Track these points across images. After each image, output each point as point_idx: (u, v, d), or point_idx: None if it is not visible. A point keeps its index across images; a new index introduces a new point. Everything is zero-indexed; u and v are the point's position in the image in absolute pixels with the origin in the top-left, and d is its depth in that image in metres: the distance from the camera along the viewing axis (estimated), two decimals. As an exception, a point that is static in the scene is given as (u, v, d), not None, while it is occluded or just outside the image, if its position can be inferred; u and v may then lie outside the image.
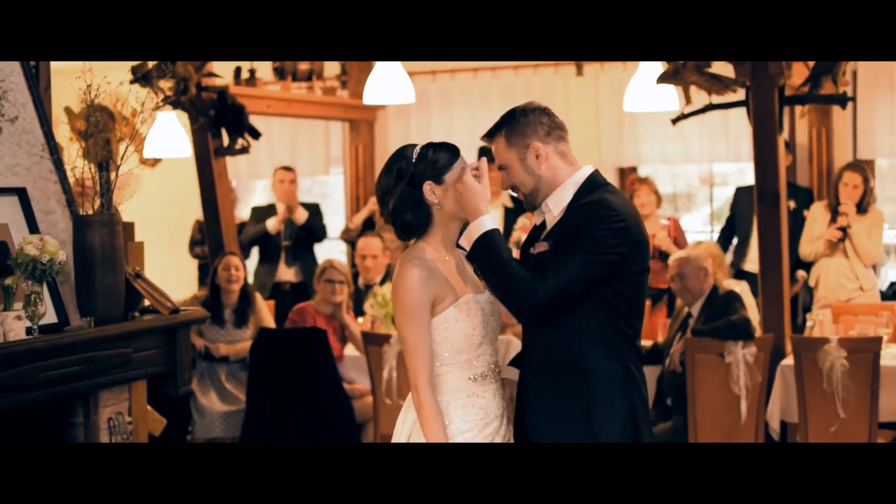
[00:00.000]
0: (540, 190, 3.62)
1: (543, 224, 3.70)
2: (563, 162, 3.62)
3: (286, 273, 9.31)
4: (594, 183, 3.61)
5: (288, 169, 9.38)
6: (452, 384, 3.57)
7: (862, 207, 7.87)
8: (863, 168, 7.96)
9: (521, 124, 3.63)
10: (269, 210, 9.31)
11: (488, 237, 3.50)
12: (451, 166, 3.58)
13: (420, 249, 3.60)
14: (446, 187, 3.57)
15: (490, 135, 3.70)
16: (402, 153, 3.62)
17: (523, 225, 8.60)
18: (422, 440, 3.53)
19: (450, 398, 3.56)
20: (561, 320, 3.52)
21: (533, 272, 3.49)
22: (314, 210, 9.43)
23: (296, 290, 9.19)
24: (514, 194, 3.74)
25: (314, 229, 9.35)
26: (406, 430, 3.61)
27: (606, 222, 3.47)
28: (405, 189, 3.57)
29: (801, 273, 8.14)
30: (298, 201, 9.35)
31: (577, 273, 3.43)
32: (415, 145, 3.63)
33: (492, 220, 3.53)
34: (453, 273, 3.60)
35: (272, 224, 9.15)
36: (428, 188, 3.57)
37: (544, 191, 3.62)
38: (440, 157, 3.59)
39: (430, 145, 3.62)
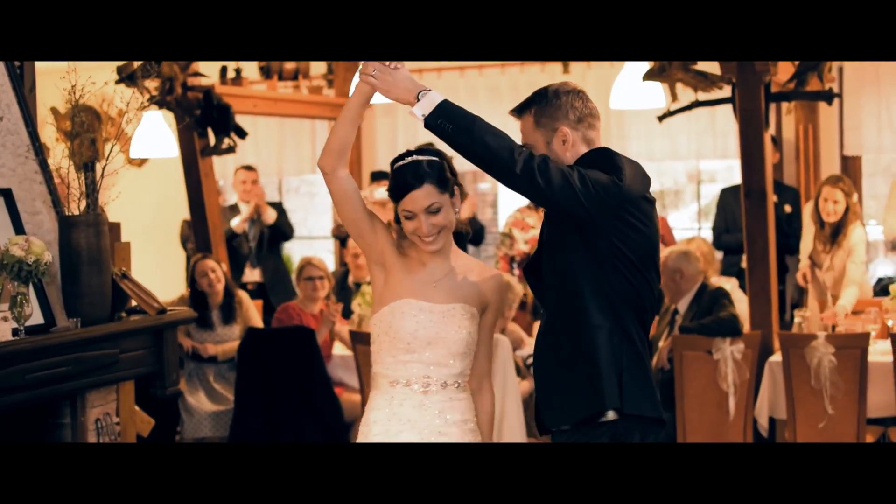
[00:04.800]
0: None
1: None
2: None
3: (252, 274, 9.26)
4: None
5: (249, 168, 9.33)
6: (380, 369, 3.67)
7: (841, 229, 7.57)
8: (844, 181, 7.68)
9: (552, 105, 3.53)
10: (233, 210, 9.27)
11: (448, 103, 3.34)
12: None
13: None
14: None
15: (519, 111, 3.59)
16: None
17: (515, 220, 8.58)
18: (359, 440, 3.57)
19: (375, 381, 3.69)
20: (562, 279, 3.49)
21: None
22: (278, 208, 9.39)
23: (261, 290, 9.16)
24: None
25: (282, 228, 9.30)
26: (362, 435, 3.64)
27: (602, 160, 3.43)
28: None
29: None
30: (266, 201, 9.29)
31: (562, 168, 3.33)
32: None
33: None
34: (415, 274, 3.60)
35: (236, 223, 9.09)
36: None
37: None
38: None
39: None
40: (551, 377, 3.55)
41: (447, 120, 3.33)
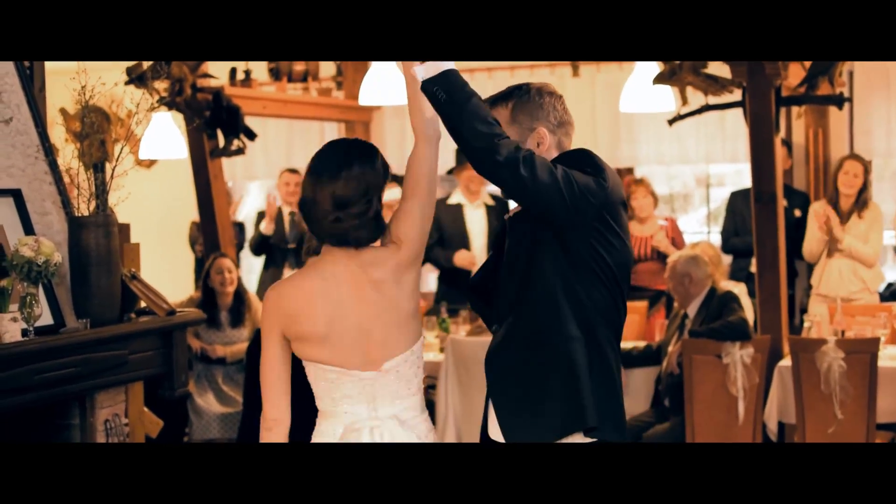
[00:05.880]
0: None
1: None
2: None
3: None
4: None
5: (293, 171, 9.28)
6: None
7: (860, 201, 7.76)
8: (863, 159, 7.90)
9: (534, 103, 3.34)
10: (260, 216, 9.24)
11: (454, 73, 3.14)
12: None
13: None
14: None
15: (492, 101, 3.36)
16: None
17: None
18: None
19: None
20: (528, 287, 3.28)
21: (509, 230, 3.29)
22: None
23: None
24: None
25: None
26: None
27: (584, 160, 3.25)
28: None
29: None
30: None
31: (548, 163, 3.15)
32: None
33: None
34: None
35: (263, 226, 9.08)
36: None
37: None
38: None
39: None
40: (518, 396, 3.31)
41: (443, 89, 3.12)
